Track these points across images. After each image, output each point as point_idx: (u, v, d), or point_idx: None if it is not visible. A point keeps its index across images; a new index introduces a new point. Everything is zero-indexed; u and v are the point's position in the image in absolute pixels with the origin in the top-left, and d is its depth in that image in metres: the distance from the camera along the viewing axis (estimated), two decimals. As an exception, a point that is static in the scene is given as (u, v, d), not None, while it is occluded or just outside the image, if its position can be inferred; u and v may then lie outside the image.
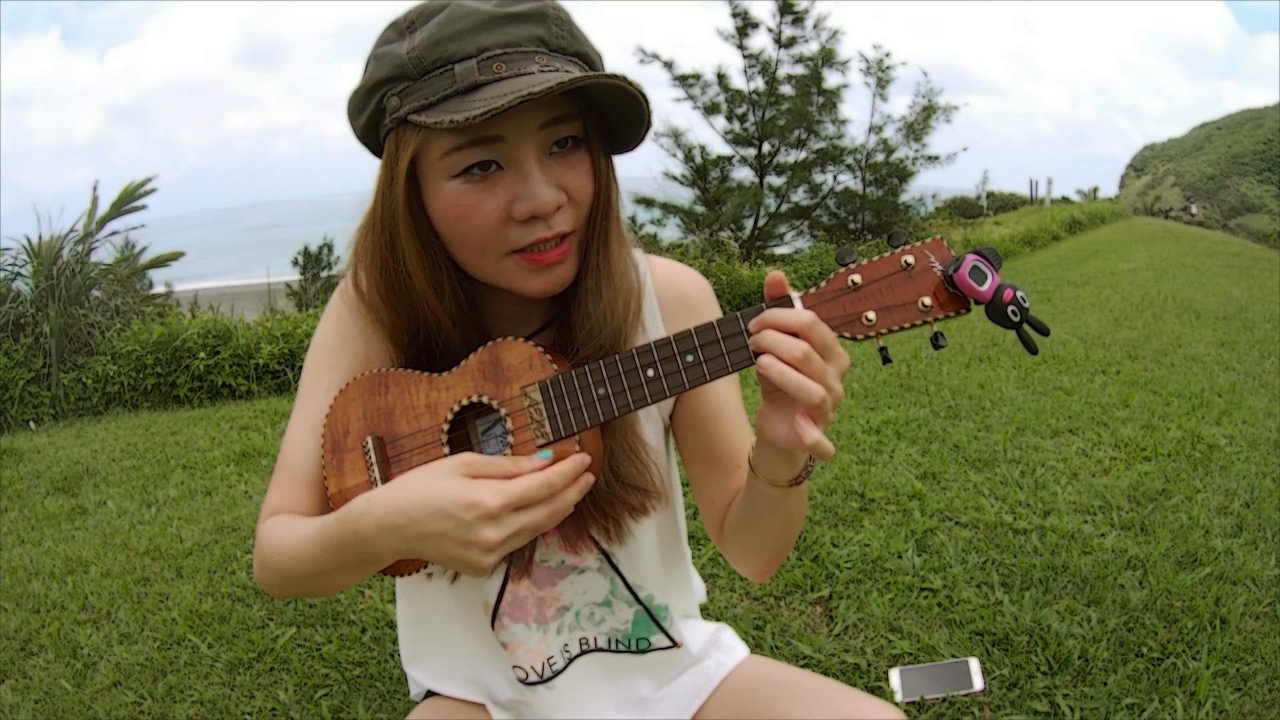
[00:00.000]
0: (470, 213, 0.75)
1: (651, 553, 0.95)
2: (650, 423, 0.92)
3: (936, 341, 0.69)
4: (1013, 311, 0.67)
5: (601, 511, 0.85)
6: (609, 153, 0.81)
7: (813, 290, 0.70)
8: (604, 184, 0.80)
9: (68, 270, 6.53)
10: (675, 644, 0.99)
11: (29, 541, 2.95)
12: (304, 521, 0.81)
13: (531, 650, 0.93)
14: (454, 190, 0.74)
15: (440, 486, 0.70)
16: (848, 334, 0.70)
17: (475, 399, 0.78)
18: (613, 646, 0.98)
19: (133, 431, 4.75)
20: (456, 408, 0.79)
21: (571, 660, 0.96)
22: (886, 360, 0.71)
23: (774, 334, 0.67)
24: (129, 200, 7.37)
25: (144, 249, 8.17)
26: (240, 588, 2.34)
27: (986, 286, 0.67)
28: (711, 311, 0.93)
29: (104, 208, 7.25)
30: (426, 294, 0.80)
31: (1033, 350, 0.69)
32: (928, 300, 0.68)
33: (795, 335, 0.67)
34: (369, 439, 0.81)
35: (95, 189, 7.37)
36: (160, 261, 8.24)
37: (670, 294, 0.92)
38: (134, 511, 3.16)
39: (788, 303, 0.70)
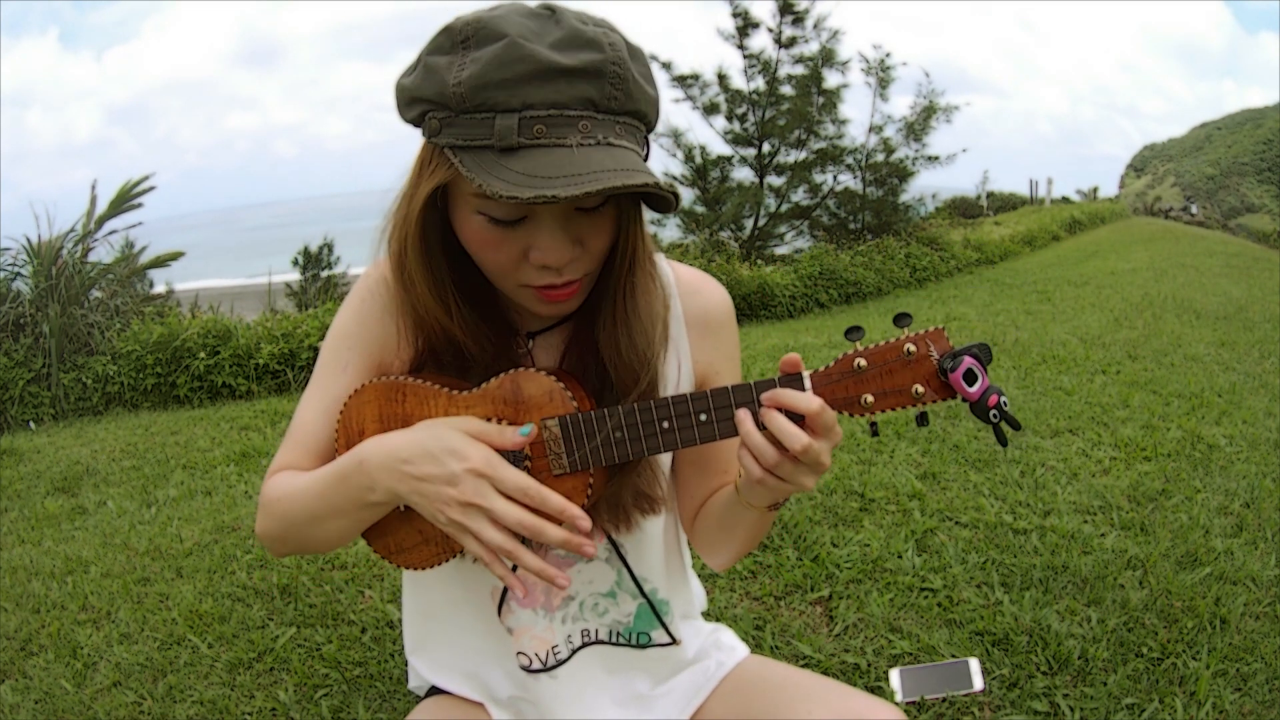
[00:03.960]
0: (489, 247, 0.77)
1: (658, 547, 0.97)
2: None
3: (921, 421, 0.77)
4: (994, 414, 0.75)
5: (612, 508, 0.88)
6: (641, 208, 0.80)
7: (822, 370, 0.75)
8: (628, 237, 0.80)
9: (67, 270, 6.52)
10: (674, 640, 1.00)
11: (29, 541, 2.95)
12: (315, 470, 0.86)
13: (537, 637, 0.94)
14: (479, 223, 0.76)
15: (439, 436, 0.75)
16: (845, 412, 0.76)
17: (494, 422, 0.81)
18: (613, 639, 0.99)
19: (133, 431, 4.75)
20: None
21: (575, 651, 0.97)
22: (874, 434, 0.81)
23: (780, 420, 0.73)
24: (127, 198, 7.35)
25: (144, 249, 8.15)
26: (240, 588, 2.34)
27: (976, 388, 0.74)
28: (729, 333, 0.97)
29: (103, 207, 7.25)
30: (431, 305, 0.82)
31: (1003, 443, 0.79)
32: (921, 388, 0.75)
33: (802, 417, 0.73)
34: None
35: (94, 189, 7.37)
36: (160, 261, 8.22)
37: (693, 303, 0.94)
38: (134, 511, 3.16)
39: (798, 381, 0.75)
